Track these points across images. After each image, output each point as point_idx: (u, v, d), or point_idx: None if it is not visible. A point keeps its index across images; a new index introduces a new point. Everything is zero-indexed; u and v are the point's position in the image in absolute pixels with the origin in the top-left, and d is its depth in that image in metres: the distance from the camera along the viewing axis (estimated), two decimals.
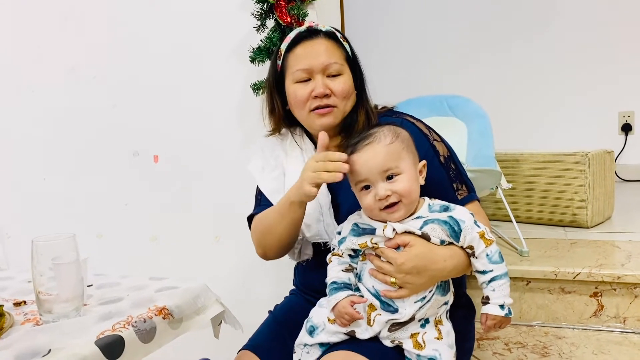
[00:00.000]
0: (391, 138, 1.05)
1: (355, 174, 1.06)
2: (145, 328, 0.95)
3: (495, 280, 1.04)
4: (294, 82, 1.23)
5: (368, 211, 1.07)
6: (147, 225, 2.15)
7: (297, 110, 1.25)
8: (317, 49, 1.21)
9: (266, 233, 1.25)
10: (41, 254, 0.96)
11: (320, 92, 1.19)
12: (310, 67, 1.20)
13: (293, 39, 1.25)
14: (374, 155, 1.04)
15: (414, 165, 1.07)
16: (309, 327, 1.15)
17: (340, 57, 1.23)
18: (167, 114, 2.06)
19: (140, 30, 2.05)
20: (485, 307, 1.05)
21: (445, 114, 2.17)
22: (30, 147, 2.28)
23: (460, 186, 1.21)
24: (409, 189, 1.03)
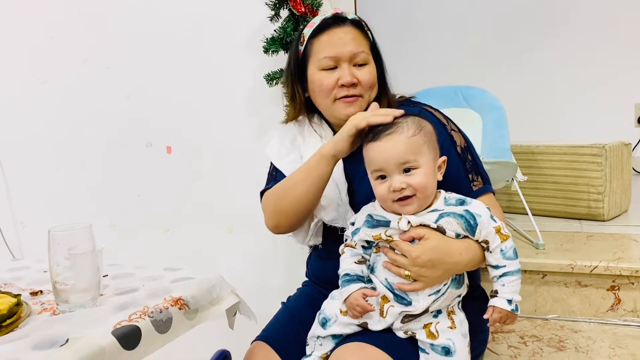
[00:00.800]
0: (414, 130, 1.03)
1: (373, 162, 1.04)
2: (162, 318, 0.95)
3: (506, 276, 1.03)
4: (319, 70, 1.21)
5: (381, 201, 1.06)
6: (159, 216, 2.16)
7: (321, 98, 1.23)
8: (344, 37, 1.20)
9: (284, 196, 1.20)
10: (58, 243, 0.96)
11: (348, 81, 1.18)
12: (337, 55, 1.19)
13: (319, 25, 1.23)
14: (394, 146, 1.02)
15: (434, 160, 1.05)
16: (322, 319, 1.15)
17: (366, 47, 1.22)
18: (180, 104, 2.06)
19: (154, 21, 2.04)
20: (493, 300, 1.04)
21: (460, 105, 2.15)
22: (44, 137, 2.30)
23: (476, 177, 1.19)
24: (424, 183, 1.02)
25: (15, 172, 2.39)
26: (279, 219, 1.23)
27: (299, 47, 1.26)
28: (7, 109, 2.35)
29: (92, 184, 2.24)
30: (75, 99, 2.21)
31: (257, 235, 2.00)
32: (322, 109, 1.26)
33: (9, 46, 2.29)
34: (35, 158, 2.34)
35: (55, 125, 2.27)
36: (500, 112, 2.10)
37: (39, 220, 2.35)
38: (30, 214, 2.40)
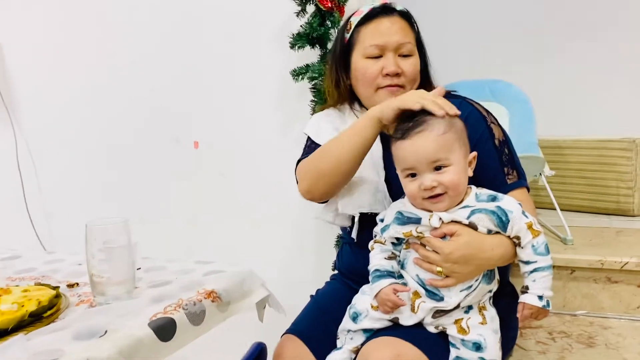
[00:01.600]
0: (445, 128, 1.01)
1: (403, 161, 1.04)
2: (196, 311, 0.96)
3: (537, 272, 1.02)
4: (364, 57, 1.22)
5: (412, 199, 1.06)
6: (187, 210, 2.19)
7: (363, 86, 1.23)
8: (391, 27, 1.20)
9: (325, 156, 1.17)
10: (95, 238, 0.99)
11: (392, 70, 1.18)
12: (384, 44, 1.19)
13: (367, 13, 1.23)
14: (425, 145, 1.01)
15: (465, 157, 1.04)
16: (352, 314, 1.16)
17: (412, 38, 1.22)
18: (207, 100, 2.08)
19: (180, 16, 2.06)
20: (523, 296, 1.03)
21: (487, 98, 2.14)
22: (73, 131, 2.34)
23: (511, 171, 1.18)
24: (456, 181, 1.01)
25: (46, 166, 2.44)
26: (316, 180, 1.19)
27: (345, 34, 1.27)
28: (37, 105, 2.40)
29: (121, 178, 2.28)
30: (103, 93, 2.25)
31: (284, 229, 2.02)
32: (363, 97, 1.26)
33: (38, 43, 2.34)
34: (64, 152, 2.38)
35: (83, 119, 2.31)
36: (526, 105, 2.09)
37: (69, 213, 2.41)
38: (60, 207, 2.45)
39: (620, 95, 3.03)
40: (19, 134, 2.44)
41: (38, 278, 1.19)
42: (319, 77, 1.71)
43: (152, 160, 2.21)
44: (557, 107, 2.95)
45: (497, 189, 1.08)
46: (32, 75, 2.39)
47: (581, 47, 3.10)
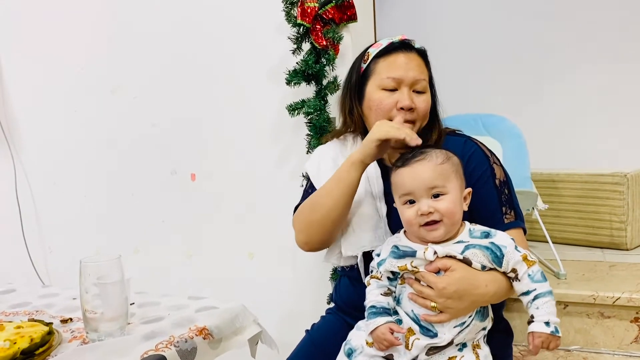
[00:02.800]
0: (443, 159, 1.06)
1: (402, 186, 1.07)
2: (187, 348, 0.97)
3: (538, 298, 1.02)
4: (380, 89, 1.24)
5: (408, 226, 1.08)
6: (183, 242, 2.20)
7: (377, 117, 1.24)
8: (409, 62, 1.23)
9: (315, 208, 1.21)
10: (88, 274, 1.00)
11: (407, 104, 1.20)
12: (401, 78, 1.22)
13: (386, 46, 1.26)
14: (424, 171, 1.05)
15: (461, 189, 1.08)
16: (347, 350, 1.16)
17: (427, 76, 1.26)
18: (204, 133, 2.11)
19: (180, 53, 2.11)
20: (530, 326, 1.02)
21: (480, 132, 2.17)
22: (73, 164, 2.37)
23: (509, 211, 1.20)
24: (452, 209, 1.04)
25: (44, 199, 2.46)
26: (310, 232, 1.23)
27: (362, 64, 1.29)
28: (37, 137, 2.44)
29: (119, 210, 2.30)
30: (103, 127, 2.28)
31: (279, 261, 2.02)
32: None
33: (41, 78, 2.38)
34: (63, 184, 2.41)
35: (83, 153, 2.34)
36: (520, 139, 2.11)
37: (67, 247, 2.42)
38: (58, 240, 2.46)
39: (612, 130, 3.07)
40: (19, 167, 2.46)
41: (32, 313, 1.19)
42: (314, 112, 1.74)
43: (150, 192, 2.23)
44: (550, 141, 2.99)
45: (494, 228, 1.10)
46: (34, 109, 2.43)
47: (575, 82, 3.16)
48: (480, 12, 3.40)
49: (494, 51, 3.34)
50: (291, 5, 1.74)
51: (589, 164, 2.51)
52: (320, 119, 1.74)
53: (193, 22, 2.07)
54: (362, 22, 1.83)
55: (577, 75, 3.16)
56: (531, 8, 3.23)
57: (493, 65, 3.35)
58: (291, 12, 1.74)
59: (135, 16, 2.17)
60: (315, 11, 1.70)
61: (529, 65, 3.27)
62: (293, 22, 1.73)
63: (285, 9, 1.75)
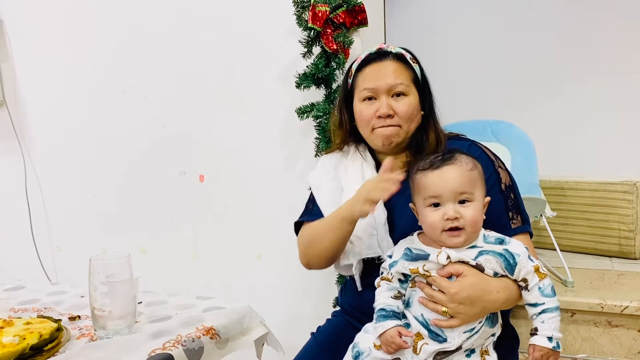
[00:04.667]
0: (472, 166, 1.06)
1: (428, 189, 1.06)
2: (194, 347, 0.98)
3: (545, 313, 1.03)
4: (361, 101, 1.27)
5: (430, 230, 1.07)
6: (190, 243, 2.21)
7: (362, 128, 1.28)
8: (384, 70, 1.24)
9: (312, 244, 1.28)
10: (98, 272, 1.01)
11: (383, 112, 1.22)
12: (375, 87, 1.24)
13: (363, 59, 1.29)
14: (454, 176, 1.04)
15: (483, 197, 1.08)
16: (355, 352, 1.16)
17: (406, 78, 1.25)
18: (213, 135, 2.12)
19: (190, 54, 2.12)
20: (533, 338, 1.03)
21: (489, 139, 2.17)
22: (82, 164, 2.38)
23: (516, 216, 1.20)
24: (477, 218, 1.04)
25: (53, 197, 2.48)
26: (308, 259, 1.32)
27: (348, 80, 1.33)
28: (48, 136, 2.46)
29: (127, 210, 2.31)
30: (114, 127, 2.30)
31: (285, 263, 2.03)
32: (365, 137, 1.31)
33: (52, 77, 2.41)
34: (72, 184, 2.42)
35: (93, 153, 2.35)
36: (528, 146, 2.11)
37: (75, 245, 2.43)
38: (66, 239, 2.47)
39: (622, 138, 3.05)
40: (29, 165, 2.48)
41: (41, 310, 1.20)
42: (323, 116, 1.75)
43: (158, 192, 2.24)
44: (559, 149, 2.98)
45: (501, 233, 1.10)
46: (45, 108, 2.45)
47: (585, 90, 3.15)
48: (492, 18, 3.39)
49: (505, 57, 3.33)
50: (302, 9, 1.75)
51: (598, 172, 2.49)
52: (329, 122, 1.75)
53: (204, 25, 2.09)
54: (373, 26, 1.84)
55: (588, 83, 3.15)
56: (544, 15, 3.23)
57: (503, 72, 3.34)
58: (302, 16, 1.76)
59: (147, 18, 2.19)
60: (327, 15, 1.70)
61: (539, 73, 3.26)
62: (304, 25, 1.74)
63: (297, 12, 1.76)
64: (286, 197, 1.98)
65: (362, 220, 1.21)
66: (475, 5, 3.43)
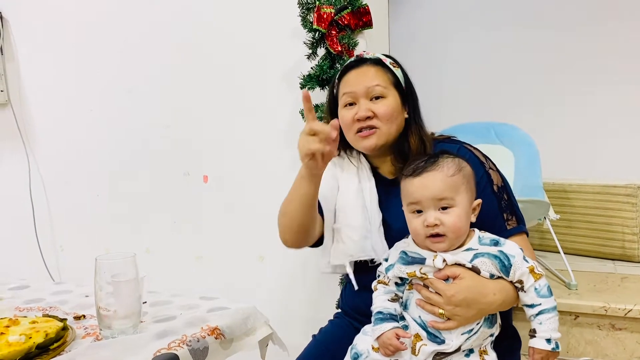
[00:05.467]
0: (454, 170, 1.06)
1: (410, 195, 1.07)
2: (199, 347, 0.98)
3: (542, 314, 1.03)
4: (342, 107, 1.28)
5: (414, 235, 1.08)
6: (193, 243, 2.21)
7: (346, 133, 1.28)
8: (362, 75, 1.26)
9: (284, 213, 1.28)
10: (103, 271, 1.01)
11: (362, 115, 1.22)
12: (353, 91, 1.25)
13: (343, 68, 1.32)
14: (433, 182, 1.05)
15: (470, 202, 1.07)
16: (353, 354, 1.16)
17: (384, 81, 1.25)
18: (218, 136, 2.12)
19: (195, 56, 2.13)
20: (532, 341, 1.04)
21: (493, 141, 2.17)
22: (86, 164, 2.39)
23: (511, 217, 1.20)
24: (458, 224, 1.04)
25: (57, 197, 2.48)
26: (284, 233, 1.30)
27: (333, 89, 1.34)
28: (52, 136, 2.46)
29: (131, 211, 2.31)
30: (118, 128, 2.30)
31: (287, 265, 2.03)
32: (350, 143, 1.31)
33: (56, 77, 2.41)
34: (75, 184, 2.43)
35: (98, 152, 2.36)
36: (532, 149, 2.11)
37: (78, 245, 2.44)
38: (70, 239, 2.48)
39: (626, 141, 3.05)
40: (33, 164, 2.49)
41: (46, 309, 1.21)
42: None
43: (162, 192, 2.25)
44: (562, 152, 2.98)
45: (497, 235, 1.10)
46: (49, 108, 2.46)
47: (587, 93, 3.14)
48: (497, 20, 3.39)
49: (509, 60, 3.33)
50: (307, 11, 1.76)
51: (601, 175, 2.49)
52: None
53: (209, 27, 2.09)
54: (377, 28, 1.84)
55: (592, 86, 3.14)
56: (550, 18, 3.23)
57: (507, 74, 3.34)
58: (307, 17, 1.76)
59: (152, 19, 2.20)
60: (331, 17, 1.71)
61: (543, 75, 3.26)
62: (309, 27, 1.74)
63: (302, 14, 1.76)
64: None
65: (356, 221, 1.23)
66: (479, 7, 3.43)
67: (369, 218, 1.25)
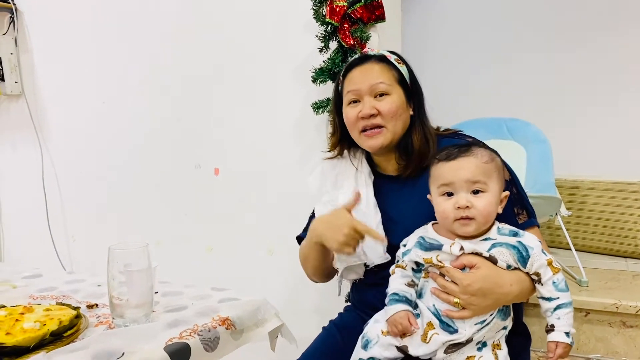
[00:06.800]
0: (487, 158, 1.07)
1: (442, 177, 1.07)
2: (210, 337, 0.98)
3: (560, 309, 1.03)
4: (347, 105, 1.28)
5: (442, 219, 1.08)
6: (204, 236, 2.22)
7: (350, 131, 1.29)
8: (365, 72, 1.25)
9: (304, 262, 1.36)
10: (116, 260, 1.02)
11: (366, 112, 1.22)
12: (358, 89, 1.24)
13: (347, 65, 1.31)
14: (468, 165, 1.05)
15: (499, 191, 1.08)
16: (364, 341, 1.17)
17: (388, 78, 1.25)
18: (229, 129, 2.13)
19: (207, 49, 2.13)
20: (552, 335, 1.04)
21: (504, 137, 2.16)
22: (98, 155, 2.41)
23: (521, 211, 1.20)
24: (488, 209, 1.04)
25: (69, 188, 2.51)
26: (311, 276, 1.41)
27: (338, 87, 1.34)
28: (65, 127, 2.48)
29: (142, 202, 2.33)
30: (130, 119, 2.32)
31: (296, 258, 2.03)
32: (355, 140, 1.31)
33: (72, 67, 2.43)
34: (87, 176, 2.45)
35: (110, 144, 2.37)
36: (544, 145, 2.10)
37: (89, 236, 2.46)
38: (81, 229, 2.50)
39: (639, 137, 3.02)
40: (46, 156, 2.51)
41: (59, 297, 1.22)
42: None
43: (173, 185, 2.26)
44: (575, 148, 2.96)
45: None
46: (63, 99, 2.48)
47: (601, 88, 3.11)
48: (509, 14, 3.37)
49: (522, 54, 3.30)
50: (320, 4, 1.75)
51: (614, 171, 2.47)
52: None
53: (221, 20, 2.10)
54: (390, 22, 1.83)
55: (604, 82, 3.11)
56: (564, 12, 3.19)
57: (521, 69, 3.31)
58: (320, 10, 1.75)
59: (165, 11, 2.20)
60: (344, 10, 1.70)
61: (557, 71, 3.23)
62: (321, 20, 1.74)
63: (314, 7, 1.76)
64: (300, 192, 1.98)
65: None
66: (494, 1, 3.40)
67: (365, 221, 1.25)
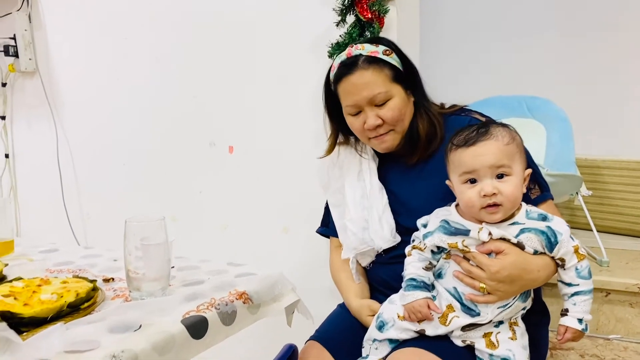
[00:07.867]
0: (509, 139, 1.03)
1: (464, 165, 1.04)
2: (227, 311, 0.98)
3: (578, 295, 1.02)
4: (348, 114, 1.27)
5: (468, 207, 1.05)
6: (219, 213, 2.22)
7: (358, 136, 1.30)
8: (358, 84, 1.21)
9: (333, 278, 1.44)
10: (133, 234, 1.01)
11: (371, 124, 1.21)
12: (357, 102, 1.22)
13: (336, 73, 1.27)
14: (490, 150, 1.02)
15: (523, 170, 1.05)
16: (379, 323, 1.15)
17: (383, 82, 1.21)
18: (244, 106, 2.10)
19: (222, 24, 2.10)
20: (563, 319, 1.04)
21: (524, 115, 2.11)
22: (113, 133, 2.40)
23: (533, 185, 1.19)
24: (515, 194, 1.01)
25: (84, 166, 2.51)
26: None
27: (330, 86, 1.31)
28: (79, 104, 2.48)
29: (157, 180, 2.32)
30: (145, 97, 2.30)
31: (311, 236, 2.02)
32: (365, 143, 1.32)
33: (86, 44, 2.42)
34: (102, 153, 2.45)
35: (124, 122, 2.37)
36: (565, 123, 2.05)
37: (104, 213, 2.47)
38: (96, 206, 2.51)
39: None
40: (61, 133, 2.51)
41: (76, 271, 1.22)
42: None
43: (188, 162, 2.25)
44: (596, 126, 2.90)
45: None
46: (77, 77, 2.47)
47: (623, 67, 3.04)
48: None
49: (544, 33, 3.23)
50: None
51: (636, 150, 2.41)
52: None
53: None
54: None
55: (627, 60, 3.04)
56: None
57: (542, 47, 3.24)
58: None
59: None
60: None
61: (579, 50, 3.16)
62: None
63: None
64: (314, 169, 1.96)
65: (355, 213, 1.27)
66: None
67: (367, 207, 1.26)
